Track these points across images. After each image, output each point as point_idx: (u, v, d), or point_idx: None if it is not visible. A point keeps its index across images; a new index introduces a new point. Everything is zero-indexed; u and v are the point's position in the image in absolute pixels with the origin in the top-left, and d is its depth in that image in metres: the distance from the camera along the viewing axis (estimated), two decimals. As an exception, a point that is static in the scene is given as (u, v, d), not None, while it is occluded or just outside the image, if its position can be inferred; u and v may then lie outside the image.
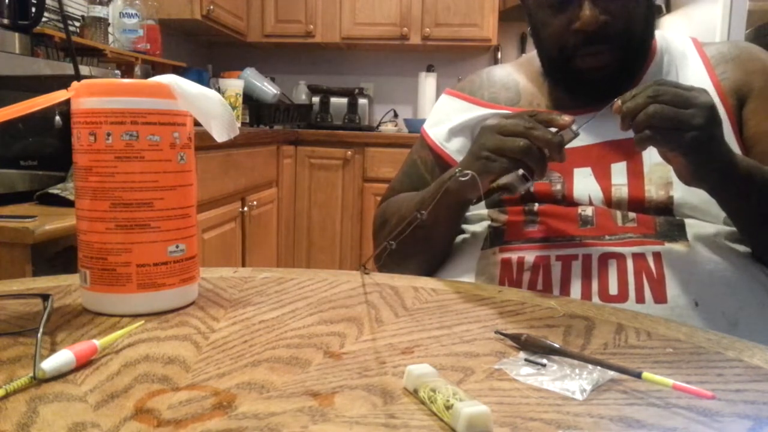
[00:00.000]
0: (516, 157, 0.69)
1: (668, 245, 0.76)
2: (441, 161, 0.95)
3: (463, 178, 0.63)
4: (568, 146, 0.67)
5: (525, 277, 0.79)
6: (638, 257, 0.75)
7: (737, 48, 0.89)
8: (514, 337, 0.48)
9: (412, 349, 0.48)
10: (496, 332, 0.51)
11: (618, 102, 0.67)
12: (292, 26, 3.53)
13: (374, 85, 3.84)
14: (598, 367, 0.43)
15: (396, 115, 3.75)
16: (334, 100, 3.60)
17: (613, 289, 0.74)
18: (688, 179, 0.69)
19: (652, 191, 0.80)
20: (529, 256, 0.79)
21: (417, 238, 0.71)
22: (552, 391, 0.40)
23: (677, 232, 0.78)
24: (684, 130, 0.63)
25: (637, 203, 0.81)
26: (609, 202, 0.82)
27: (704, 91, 0.66)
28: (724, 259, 0.75)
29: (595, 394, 0.40)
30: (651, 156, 0.81)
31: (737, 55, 0.87)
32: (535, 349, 0.46)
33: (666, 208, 0.80)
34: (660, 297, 0.73)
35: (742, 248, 0.78)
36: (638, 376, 0.40)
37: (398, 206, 0.92)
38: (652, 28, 0.88)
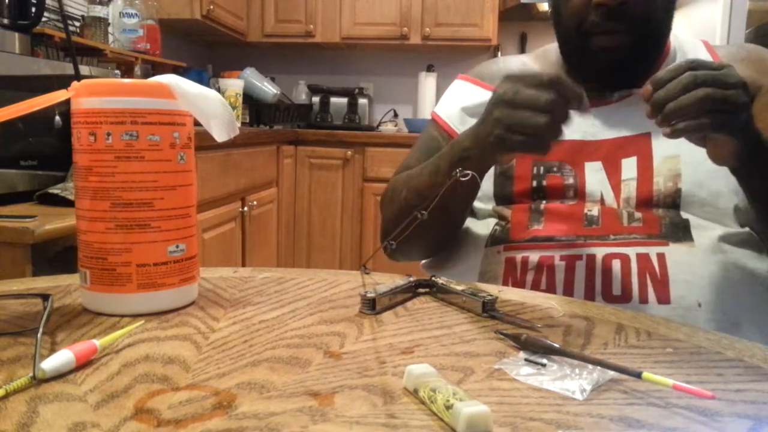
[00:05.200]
0: (536, 134, 0.65)
1: (672, 245, 0.76)
2: None
3: (463, 179, 0.62)
4: (581, 138, 0.67)
5: (529, 276, 0.79)
6: (642, 258, 0.75)
7: (746, 50, 0.90)
8: (514, 337, 0.48)
9: (412, 349, 0.48)
10: (496, 332, 0.51)
11: (648, 86, 0.64)
12: (292, 26, 3.52)
13: (374, 85, 3.84)
14: (598, 367, 0.43)
15: (396, 115, 3.75)
16: (334, 99, 3.60)
17: (617, 289, 0.74)
18: (730, 159, 0.67)
19: (661, 183, 0.80)
20: (534, 256, 0.79)
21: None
22: (552, 391, 0.40)
23: (682, 233, 0.77)
24: (735, 112, 0.62)
25: (645, 199, 0.81)
26: (618, 198, 0.82)
27: (731, 66, 0.65)
28: (728, 260, 0.75)
29: (595, 394, 0.40)
30: (662, 149, 0.81)
31: (746, 56, 0.88)
32: (535, 349, 0.46)
33: (673, 203, 0.80)
34: (664, 298, 0.73)
35: (745, 250, 0.78)
36: (638, 376, 0.40)
37: (408, 177, 0.89)
38: (671, 20, 0.87)
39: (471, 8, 3.40)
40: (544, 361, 0.44)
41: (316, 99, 3.60)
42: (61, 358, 0.41)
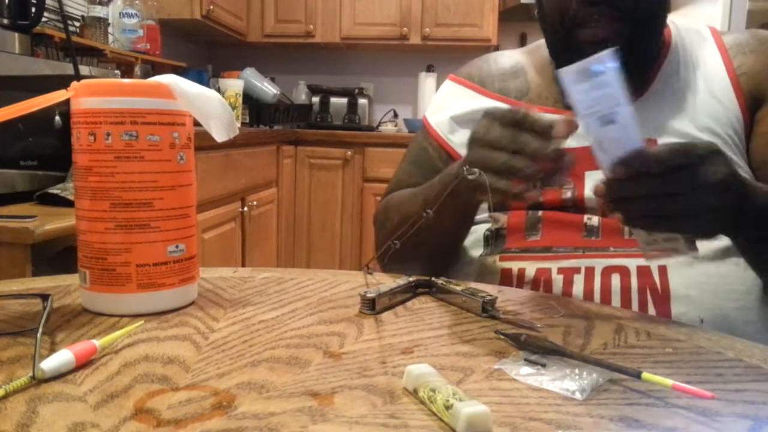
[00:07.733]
0: (502, 171, 0.60)
1: (675, 257, 0.72)
2: (446, 154, 0.90)
3: (470, 176, 0.60)
4: (582, 145, 0.64)
5: (525, 289, 0.76)
6: (643, 271, 0.73)
7: (758, 40, 0.82)
8: (514, 337, 0.48)
9: (411, 349, 0.48)
10: (496, 332, 0.51)
11: (600, 185, 0.58)
12: (291, 26, 3.53)
13: (374, 85, 3.84)
14: (598, 367, 0.43)
15: (396, 115, 3.75)
16: (333, 100, 3.60)
17: (616, 306, 0.72)
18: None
19: None
20: (530, 268, 0.77)
21: (420, 241, 0.67)
22: (552, 391, 0.40)
23: (686, 242, 0.74)
24: (693, 217, 0.57)
25: None
26: None
27: (710, 149, 0.56)
28: (733, 272, 0.72)
29: (595, 394, 0.40)
30: None
31: (757, 47, 0.82)
32: (534, 349, 0.46)
33: None
34: (664, 314, 0.71)
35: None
36: (638, 376, 0.40)
37: (399, 202, 0.87)
38: (665, 8, 0.79)
39: (471, 8, 3.40)
40: (544, 361, 0.44)
41: (316, 99, 3.60)
42: (61, 358, 0.41)
